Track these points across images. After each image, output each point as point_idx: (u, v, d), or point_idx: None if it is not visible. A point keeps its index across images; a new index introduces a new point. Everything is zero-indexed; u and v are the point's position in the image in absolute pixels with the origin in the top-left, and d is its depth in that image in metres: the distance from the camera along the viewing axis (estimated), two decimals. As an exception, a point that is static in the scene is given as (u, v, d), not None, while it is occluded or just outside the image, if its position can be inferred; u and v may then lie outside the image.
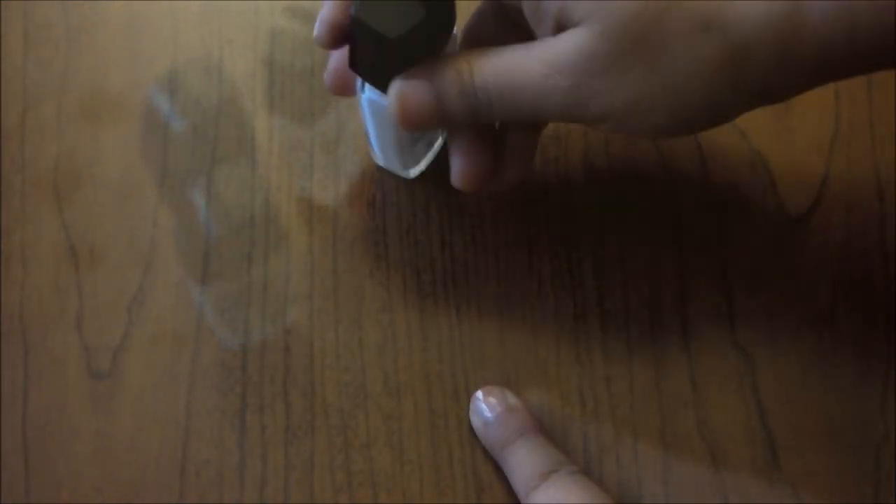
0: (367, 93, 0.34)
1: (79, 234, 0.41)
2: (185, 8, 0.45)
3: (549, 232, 0.40)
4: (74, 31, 0.44)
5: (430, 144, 0.40)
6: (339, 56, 0.36)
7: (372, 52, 0.32)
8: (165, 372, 0.39)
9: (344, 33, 0.33)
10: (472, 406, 0.37)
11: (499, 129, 0.36)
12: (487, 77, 0.31)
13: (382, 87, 0.33)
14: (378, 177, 0.42)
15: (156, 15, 0.45)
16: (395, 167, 0.40)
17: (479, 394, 0.37)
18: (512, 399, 0.37)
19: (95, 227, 0.41)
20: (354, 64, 0.33)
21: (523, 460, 0.35)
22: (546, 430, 0.37)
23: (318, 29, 0.33)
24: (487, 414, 0.37)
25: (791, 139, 0.41)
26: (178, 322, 0.40)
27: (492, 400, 0.37)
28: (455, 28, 0.34)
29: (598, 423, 0.38)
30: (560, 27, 0.31)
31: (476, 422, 0.37)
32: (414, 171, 0.41)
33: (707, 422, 0.38)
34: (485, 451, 0.37)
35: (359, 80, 0.35)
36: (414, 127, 0.33)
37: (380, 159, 0.40)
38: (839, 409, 0.38)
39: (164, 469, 0.38)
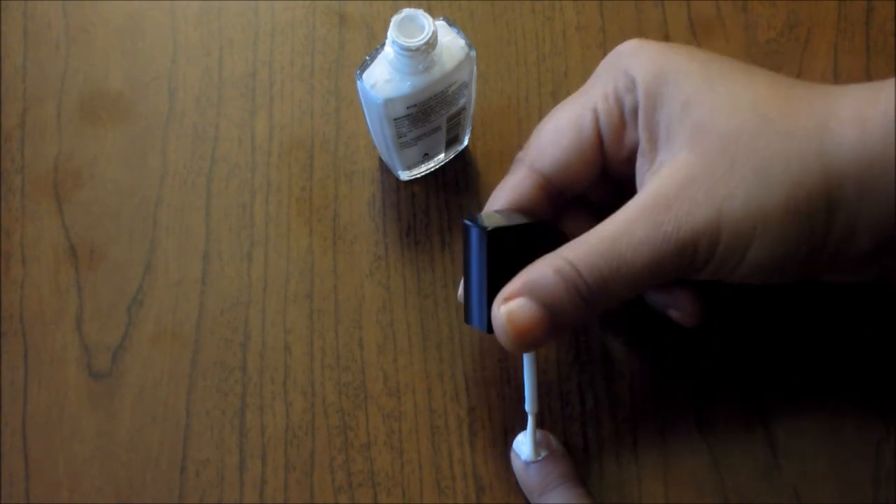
0: (363, 85, 0.34)
1: (79, 234, 0.41)
2: (184, 8, 0.45)
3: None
4: (74, 31, 0.44)
5: (429, 156, 0.40)
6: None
7: (477, 261, 0.32)
8: (165, 372, 0.39)
9: None
10: (514, 446, 0.36)
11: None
12: (595, 261, 0.30)
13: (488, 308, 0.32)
14: (378, 177, 0.42)
15: (156, 15, 0.45)
16: (388, 164, 0.41)
17: (524, 435, 0.36)
18: (556, 445, 0.36)
19: (95, 227, 0.41)
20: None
21: None
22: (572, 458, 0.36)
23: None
24: (529, 458, 0.35)
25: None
26: (178, 322, 0.40)
27: (535, 443, 0.35)
28: None
29: (597, 423, 0.38)
30: (657, 161, 0.31)
31: (516, 463, 0.36)
32: (403, 174, 0.41)
33: (707, 422, 0.38)
34: (485, 451, 0.37)
35: (358, 75, 0.35)
36: (532, 347, 0.32)
37: (382, 153, 0.41)
38: (839, 410, 0.38)
39: (164, 469, 0.38)
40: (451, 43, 0.34)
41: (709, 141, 0.30)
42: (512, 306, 0.31)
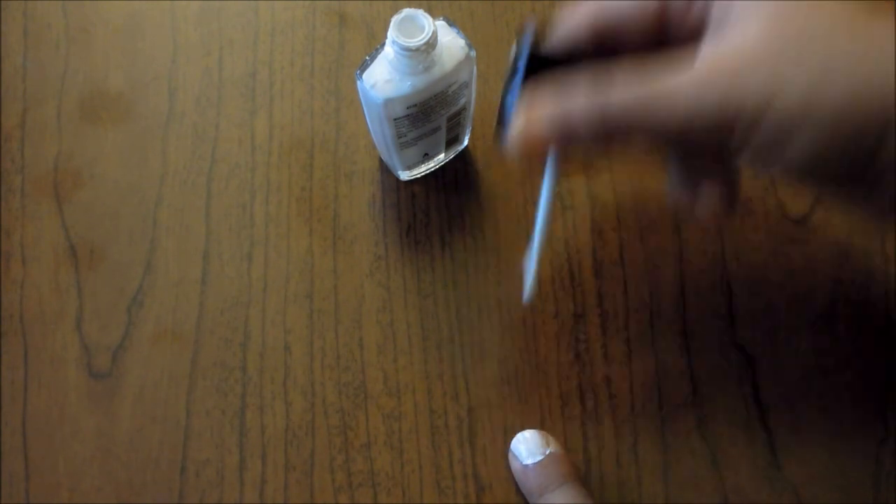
0: (363, 85, 0.34)
1: (79, 234, 0.41)
2: (184, 8, 0.45)
3: (549, 232, 0.40)
4: (74, 31, 0.45)
5: (429, 156, 0.40)
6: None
7: (516, 78, 0.31)
8: (165, 372, 0.39)
9: None
10: (512, 447, 0.37)
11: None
12: (632, 87, 0.29)
13: None
14: (378, 177, 0.42)
15: (156, 15, 0.45)
16: (388, 164, 0.41)
17: (522, 436, 0.36)
18: (554, 446, 0.36)
19: (95, 227, 0.41)
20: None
21: None
22: (579, 471, 0.37)
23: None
24: (528, 459, 0.36)
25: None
26: (178, 322, 0.40)
27: (534, 444, 0.36)
28: None
29: (598, 423, 0.38)
30: (726, 32, 0.30)
31: (515, 464, 0.36)
32: (403, 174, 0.41)
33: (707, 422, 0.38)
34: (485, 451, 0.37)
35: (358, 75, 0.35)
36: (535, 146, 0.31)
37: (382, 153, 0.41)
38: (839, 410, 0.38)
39: (164, 469, 0.38)
40: (451, 43, 0.34)
41: (787, 27, 0.29)
42: (535, 98, 0.30)
